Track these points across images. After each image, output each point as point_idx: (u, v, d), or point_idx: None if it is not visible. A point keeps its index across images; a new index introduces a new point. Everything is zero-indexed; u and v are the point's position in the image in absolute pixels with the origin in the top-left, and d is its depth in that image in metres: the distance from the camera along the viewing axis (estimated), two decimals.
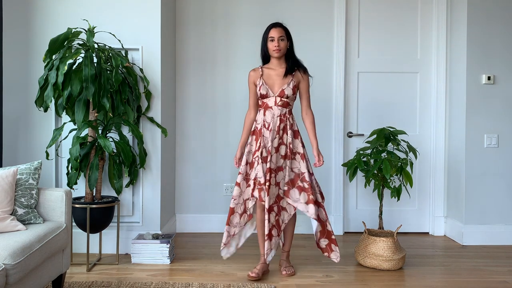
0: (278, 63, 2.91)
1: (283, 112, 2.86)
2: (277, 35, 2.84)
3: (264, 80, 2.88)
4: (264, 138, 2.84)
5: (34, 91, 3.16)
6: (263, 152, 2.81)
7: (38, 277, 2.19)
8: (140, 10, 3.37)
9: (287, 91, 2.85)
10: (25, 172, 2.42)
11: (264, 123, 2.86)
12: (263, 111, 2.88)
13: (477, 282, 2.84)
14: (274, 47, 2.84)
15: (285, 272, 2.90)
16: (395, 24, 4.05)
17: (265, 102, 2.87)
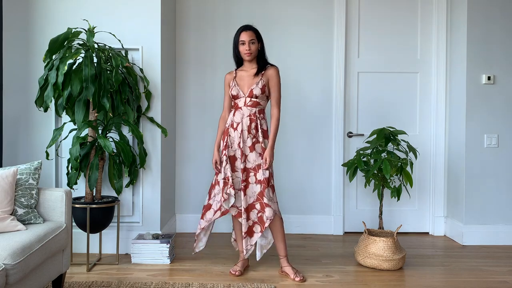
0: (249, 64, 2.97)
1: (253, 112, 2.88)
2: (247, 38, 2.88)
3: (236, 81, 2.94)
4: (230, 137, 2.89)
5: (34, 91, 3.16)
6: (230, 152, 2.88)
7: (38, 277, 2.19)
8: (140, 10, 3.37)
9: (255, 91, 2.87)
10: (25, 172, 2.42)
11: (232, 123, 2.90)
12: (233, 111, 2.93)
13: (477, 282, 2.84)
14: (245, 51, 2.89)
15: (298, 278, 2.81)
16: (395, 24, 4.05)
17: (236, 103, 2.93)
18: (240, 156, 2.84)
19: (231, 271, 2.92)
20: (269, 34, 3.67)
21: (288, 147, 4.02)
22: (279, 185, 3.80)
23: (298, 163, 4.04)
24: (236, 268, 2.92)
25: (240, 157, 2.84)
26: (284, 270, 2.92)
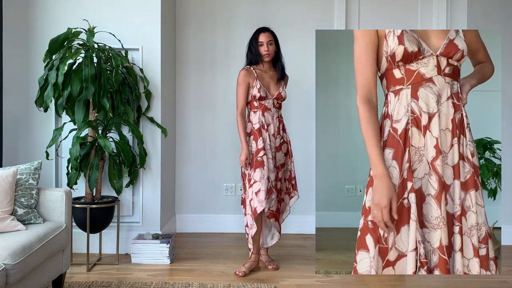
0: (268, 65, 3.00)
1: (280, 114, 3.02)
2: (266, 39, 2.91)
3: (260, 81, 2.93)
4: (263, 138, 2.90)
5: (34, 91, 3.16)
6: (267, 153, 2.90)
7: (38, 277, 2.19)
8: (140, 10, 3.37)
9: (283, 94, 3.00)
10: (25, 172, 2.42)
11: (264, 124, 2.91)
12: (260, 112, 2.92)
13: (477, 282, 2.84)
14: (264, 52, 2.92)
15: (271, 267, 3.01)
16: (395, 25, 4.04)
17: (263, 104, 2.94)
18: (272, 156, 2.93)
19: (236, 271, 2.91)
20: None
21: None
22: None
23: None
24: (242, 268, 2.91)
25: (272, 157, 2.93)
26: (261, 259, 3.06)
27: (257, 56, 2.94)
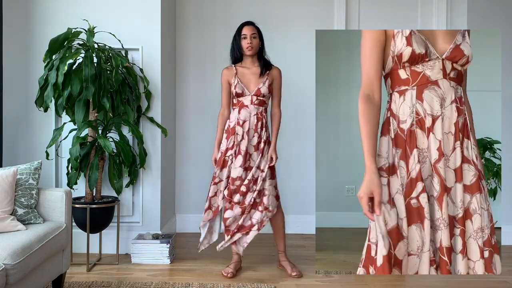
0: (251, 61, 2.94)
1: (260, 111, 2.90)
2: (249, 32, 2.88)
3: (239, 78, 2.90)
4: (237, 136, 2.87)
5: (34, 91, 3.16)
6: (237, 151, 2.86)
7: (38, 277, 2.19)
8: (140, 10, 3.37)
9: (263, 90, 2.88)
10: (25, 172, 2.42)
11: (238, 121, 2.87)
12: (237, 109, 2.90)
13: (477, 282, 2.84)
14: (247, 44, 2.87)
15: (294, 273, 2.89)
16: (395, 25, 4.04)
17: (241, 100, 2.89)
18: (238, 153, 2.86)
19: (223, 272, 2.90)
20: (268, 34, 3.66)
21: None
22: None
23: None
24: (228, 270, 2.91)
25: (237, 154, 2.86)
26: (282, 264, 2.97)
27: (239, 50, 2.90)
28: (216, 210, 2.93)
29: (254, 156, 2.88)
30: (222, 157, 2.90)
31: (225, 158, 2.90)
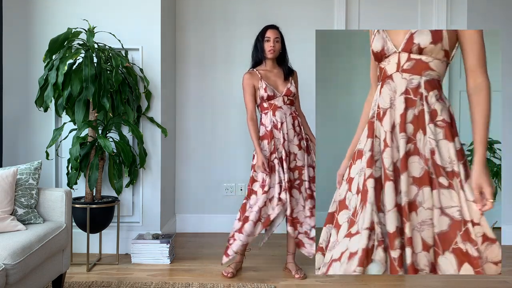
0: (272, 64, 2.93)
1: (293, 110, 2.91)
2: (273, 36, 2.87)
3: (266, 81, 2.87)
4: (276, 139, 2.82)
5: (34, 91, 3.16)
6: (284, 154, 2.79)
7: (38, 277, 2.19)
8: (140, 10, 3.37)
9: (292, 89, 2.90)
10: (25, 172, 2.42)
11: (276, 124, 2.83)
12: (271, 112, 2.85)
13: (477, 282, 2.84)
14: (269, 47, 2.86)
15: (298, 276, 2.87)
16: (395, 25, 4.04)
17: (273, 103, 2.86)
18: (285, 156, 2.80)
19: (224, 272, 2.89)
20: None
21: None
22: None
23: None
24: (228, 269, 2.90)
25: (285, 158, 2.79)
26: (287, 266, 2.96)
27: (262, 52, 2.89)
28: (267, 221, 2.76)
29: (299, 155, 2.84)
30: (268, 162, 2.79)
31: (270, 164, 2.80)
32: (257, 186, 2.81)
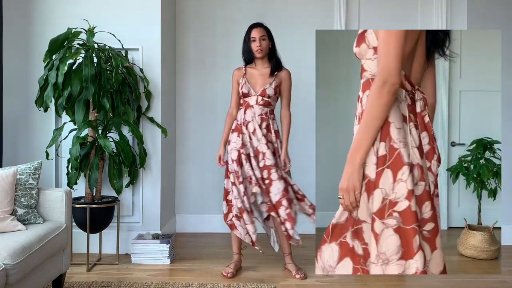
0: (261, 62, 2.93)
1: (264, 111, 2.88)
2: (258, 35, 2.86)
3: (247, 79, 2.91)
4: (244, 135, 2.86)
5: (34, 91, 3.16)
6: (246, 150, 2.84)
7: (38, 277, 2.19)
8: (140, 10, 3.37)
9: (268, 91, 2.87)
10: (25, 172, 2.42)
11: (244, 121, 2.88)
12: (243, 109, 2.90)
13: (477, 282, 2.84)
14: (256, 47, 2.86)
15: (299, 276, 2.87)
16: (395, 25, 4.04)
17: (247, 101, 2.90)
18: (255, 155, 2.83)
19: (223, 272, 2.89)
20: None
21: None
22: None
23: None
24: (228, 270, 2.90)
25: (254, 156, 2.83)
26: (287, 267, 2.96)
27: (250, 53, 2.89)
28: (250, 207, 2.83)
29: (267, 154, 2.83)
30: (238, 154, 2.84)
31: (242, 156, 2.83)
32: (233, 177, 2.85)
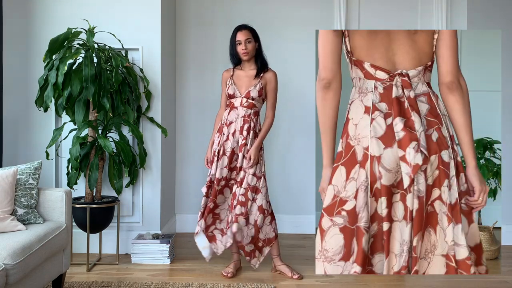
0: (248, 64, 2.94)
1: (248, 113, 2.87)
2: (243, 37, 2.85)
3: (233, 80, 2.92)
4: (223, 136, 2.89)
5: (34, 91, 3.16)
6: (222, 151, 2.87)
7: (38, 277, 2.19)
8: (140, 10, 3.37)
9: (252, 93, 2.87)
10: (25, 172, 2.42)
11: (226, 121, 2.90)
12: (228, 110, 2.92)
13: (477, 282, 2.84)
14: (242, 51, 2.86)
15: (296, 276, 2.88)
16: (395, 25, 4.04)
17: (232, 102, 2.91)
18: (223, 154, 2.88)
19: (223, 272, 2.89)
20: (268, 34, 3.68)
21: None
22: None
23: None
24: (228, 270, 2.90)
25: (222, 155, 2.87)
26: (278, 269, 2.95)
27: (236, 55, 2.90)
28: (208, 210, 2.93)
29: (239, 157, 2.85)
30: (213, 155, 2.92)
31: (214, 153, 2.92)
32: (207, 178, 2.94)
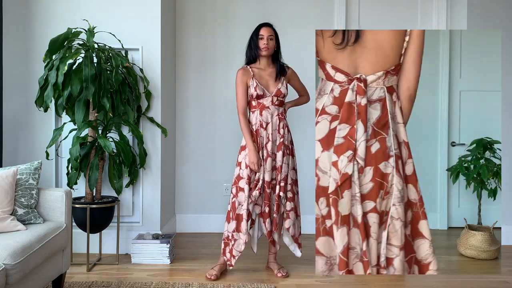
0: (266, 63, 2.92)
1: (280, 111, 2.88)
2: (266, 33, 2.86)
3: (257, 80, 2.87)
4: (261, 138, 2.84)
5: (34, 91, 3.16)
6: (264, 153, 2.82)
7: (38, 277, 2.19)
8: (140, 10, 3.37)
9: (283, 90, 2.88)
10: (25, 172, 2.42)
11: (262, 123, 2.84)
12: (258, 111, 2.86)
13: (477, 282, 2.84)
14: (263, 45, 2.85)
15: (281, 274, 2.90)
16: (395, 25, 4.05)
17: (261, 102, 2.86)
18: (266, 156, 2.82)
19: (207, 275, 2.85)
20: None
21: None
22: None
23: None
24: (212, 272, 2.86)
25: (266, 158, 2.82)
26: (269, 265, 3.00)
27: (256, 49, 2.87)
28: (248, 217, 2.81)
29: (278, 156, 2.83)
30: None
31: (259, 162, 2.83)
32: (243, 183, 2.82)
